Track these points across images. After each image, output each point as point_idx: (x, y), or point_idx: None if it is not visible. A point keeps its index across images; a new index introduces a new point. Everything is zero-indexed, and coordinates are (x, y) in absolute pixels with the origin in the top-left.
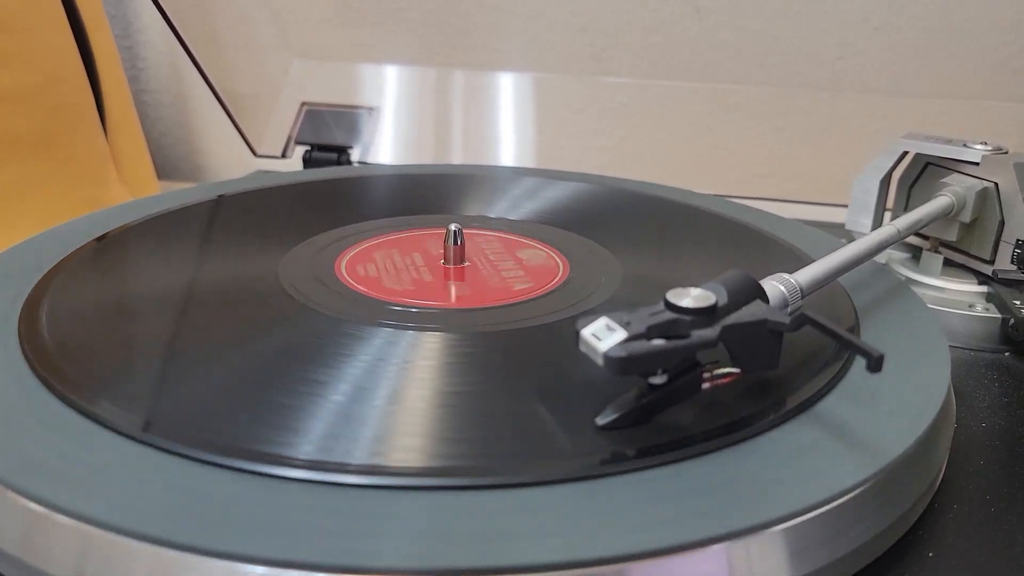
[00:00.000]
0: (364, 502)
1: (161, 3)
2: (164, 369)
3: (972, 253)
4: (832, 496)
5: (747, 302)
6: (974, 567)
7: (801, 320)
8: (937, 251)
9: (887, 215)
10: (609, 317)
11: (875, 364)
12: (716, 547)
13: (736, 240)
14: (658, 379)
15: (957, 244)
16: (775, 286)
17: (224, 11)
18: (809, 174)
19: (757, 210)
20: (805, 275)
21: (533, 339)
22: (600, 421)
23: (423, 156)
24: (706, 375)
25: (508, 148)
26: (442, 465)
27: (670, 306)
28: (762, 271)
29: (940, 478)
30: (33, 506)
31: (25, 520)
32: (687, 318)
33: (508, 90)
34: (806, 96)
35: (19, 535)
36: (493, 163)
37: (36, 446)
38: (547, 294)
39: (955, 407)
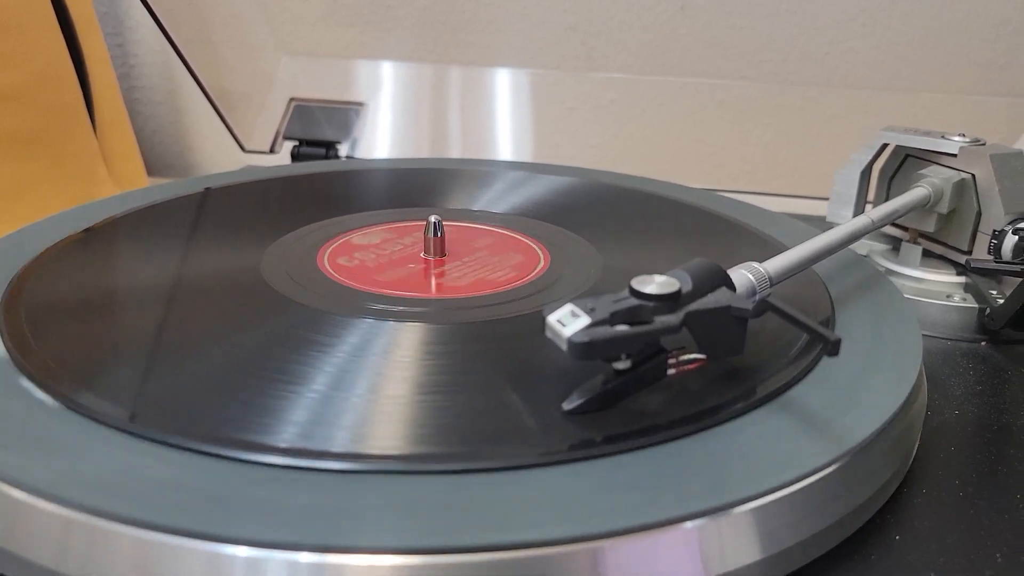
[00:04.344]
0: (344, 486)
1: (149, 1)
2: (145, 358)
3: (950, 244)
4: (799, 477)
5: (712, 289)
6: (940, 551)
7: (763, 306)
8: (916, 242)
9: (868, 207)
10: (574, 303)
11: (832, 348)
12: (687, 526)
13: (717, 232)
14: (622, 364)
15: (935, 235)
16: (743, 274)
17: (214, 8)
18: (798, 169)
19: (741, 203)
20: (774, 264)
21: (511, 329)
22: (566, 406)
23: (419, 152)
24: (672, 361)
25: (502, 144)
26: (419, 451)
27: (634, 293)
28: (741, 261)
29: (910, 463)
30: (14, 493)
31: (6, 507)
32: (650, 304)
33: (501, 87)
34: (795, 92)
35: (1, 523)
36: (487, 159)
37: (16, 434)
38: (527, 285)
39: (927, 394)
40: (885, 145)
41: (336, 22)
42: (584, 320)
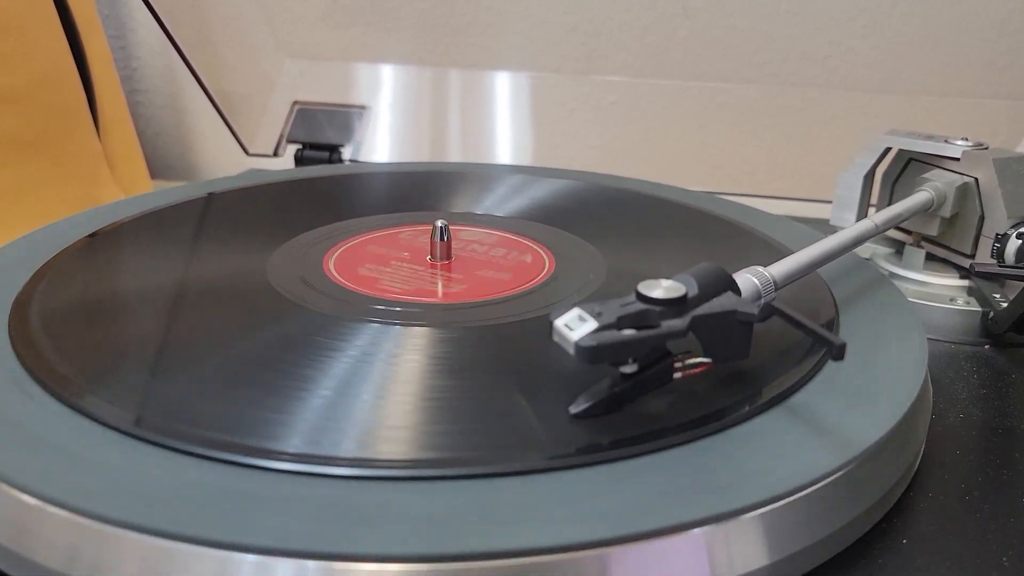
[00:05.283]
0: (352, 492)
1: (152, 3)
2: (153, 364)
3: (953, 247)
4: (807, 483)
5: (718, 293)
6: (947, 555)
7: (768, 310)
8: (919, 246)
9: (871, 211)
10: (581, 308)
11: (837, 352)
12: (695, 531)
13: (721, 235)
14: (629, 368)
15: (939, 239)
16: (748, 278)
17: (216, 10)
18: (799, 170)
19: (744, 206)
20: (779, 268)
21: (517, 333)
22: (573, 409)
23: (420, 155)
24: (678, 365)
25: (503, 147)
26: (427, 457)
27: (641, 297)
28: (745, 265)
29: (916, 467)
30: (25, 498)
31: (17, 512)
32: (657, 308)
33: (501, 89)
34: (796, 94)
35: (11, 527)
36: (488, 162)
37: (27, 440)
38: (532, 290)
39: (932, 398)
40: (888, 149)
41: (336, 23)
42: (591, 324)
